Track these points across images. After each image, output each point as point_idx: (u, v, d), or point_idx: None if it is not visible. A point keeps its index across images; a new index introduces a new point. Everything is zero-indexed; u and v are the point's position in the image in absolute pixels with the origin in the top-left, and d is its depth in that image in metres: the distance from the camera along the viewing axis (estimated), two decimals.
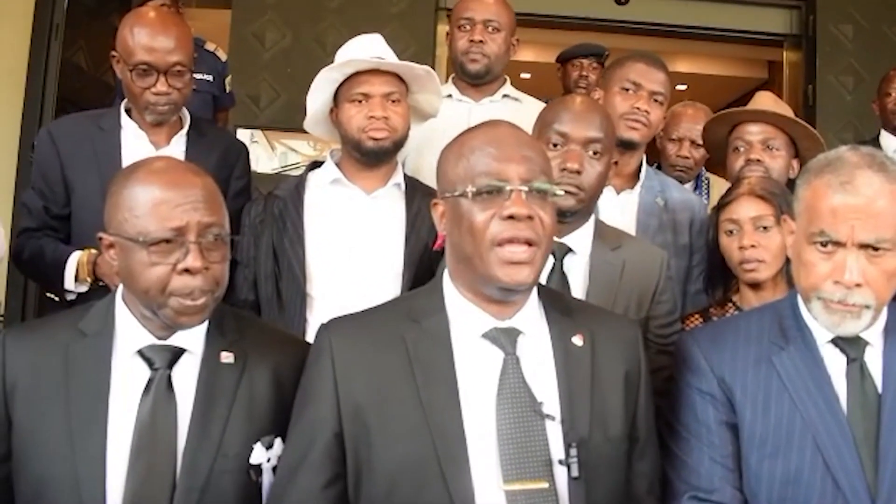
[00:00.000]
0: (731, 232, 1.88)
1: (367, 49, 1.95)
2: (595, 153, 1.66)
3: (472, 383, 1.25)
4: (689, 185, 2.80)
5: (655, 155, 2.83)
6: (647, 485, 1.37)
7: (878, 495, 1.27)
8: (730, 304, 1.91)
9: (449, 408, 1.23)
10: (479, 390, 1.25)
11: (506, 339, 1.28)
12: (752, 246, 1.83)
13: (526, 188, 1.23)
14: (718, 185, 2.84)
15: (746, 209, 1.86)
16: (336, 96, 1.96)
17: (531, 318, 1.32)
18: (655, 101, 2.09)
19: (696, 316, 1.93)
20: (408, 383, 1.24)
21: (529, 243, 1.22)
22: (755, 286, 1.86)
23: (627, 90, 2.08)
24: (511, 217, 1.21)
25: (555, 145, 1.65)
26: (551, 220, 1.26)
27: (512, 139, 1.28)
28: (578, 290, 1.65)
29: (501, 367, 1.26)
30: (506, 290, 1.25)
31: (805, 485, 1.30)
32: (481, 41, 2.35)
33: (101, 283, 1.96)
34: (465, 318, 1.29)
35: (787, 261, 1.82)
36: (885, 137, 3.29)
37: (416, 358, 1.26)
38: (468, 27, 2.37)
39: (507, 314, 1.29)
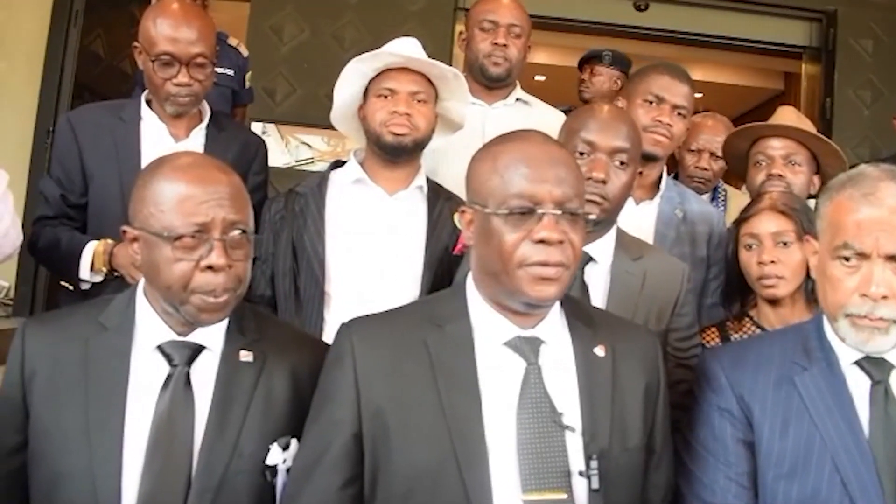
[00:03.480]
0: (750, 246, 1.87)
1: (402, 48, 1.94)
2: (621, 163, 1.65)
3: (494, 391, 1.24)
4: (705, 197, 2.78)
5: (673, 165, 2.82)
6: (661, 496, 1.37)
7: None
8: (747, 319, 1.90)
9: (471, 415, 1.22)
10: (500, 398, 1.24)
11: (528, 348, 1.27)
12: (772, 262, 1.82)
13: (559, 212, 1.22)
14: (735, 197, 2.82)
15: (767, 224, 1.85)
16: (365, 93, 1.96)
17: (554, 328, 1.31)
18: (678, 114, 2.07)
19: (713, 329, 1.92)
20: (430, 388, 1.23)
21: (559, 265, 1.22)
22: (773, 302, 1.85)
23: (650, 103, 2.06)
24: (542, 241, 1.21)
25: (581, 154, 1.64)
26: (580, 241, 1.26)
27: (546, 157, 1.26)
28: (599, 299, 1.64)
29: (523, 376, 1.25)
30: (531, 304, 1.25)
31: None
32: (505, 45, 2.35)
33: (116, 274, 1.96)
34: (489, 325, 1.29)
35: (807, 278, 1.82)
36: None
37: (439, 363, 1.25)
38: (491, 30, 2.36)
39: (530, 323, 1.29)
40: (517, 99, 2.46)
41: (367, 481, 1.24)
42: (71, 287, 2.05)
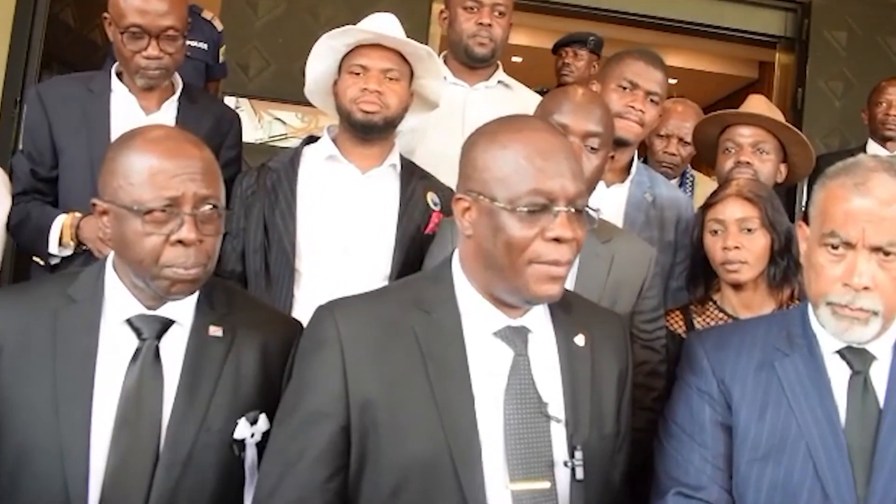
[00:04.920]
0: (715, 232, 1.90)
1: (376, 25, 1.93)
2: (593, 148, 1.67)
3: (482, 380, 1.23)
4: (673, 182, 2.81)
5: (642, 149, 2.84)
6: (620, 475, 1.38)
7: None
8: (710, 303, 1.94)
9: (464, 406, 1.20)
10: (488, 388, 1.23)
11: (518, 338, 1.26)
12: (736, 247, 1.85)
13: (573, 209, 1.19)
14: (703, 184, 2.86)
15: (732, 210, 1.88)
16: (339, 68, 1.94)
17: (539, 317, 1.30)
18: (651, 100, 2.09)
19: (677, 312, 1.96)
20: (421, 379, 1.21)
21: (569, 264, 1.21)
22: (736, 287, 1.89)
23: (624, 88, 2.08)
24: (556, 239, 1.18)
25: None
26: (584, 236, 1.23)
27: (561, 149, 1.21)
28: (567, 281, 1.65)
29: (511, 365, 1.24)
30: (532, 302, 1.24)
31: (793, 492, 1.30)
32: (490, 24, 2.33)
33: (84, 248, 1.94)
34: (478, 313, 1.26)
35: (769, 263, 1.86)
36: (873, 147, 3.32)
37: (429, 352, 1.22)
38: (475, 10, 2.34)
39: (518, 313, 1.27)
40: (499, 81, 2.44)
41: (353, 473, 1.21)
42: (42, 262, 2.03)
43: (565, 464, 1.22)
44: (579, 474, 1.21)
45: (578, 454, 1.21)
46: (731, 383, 1.38)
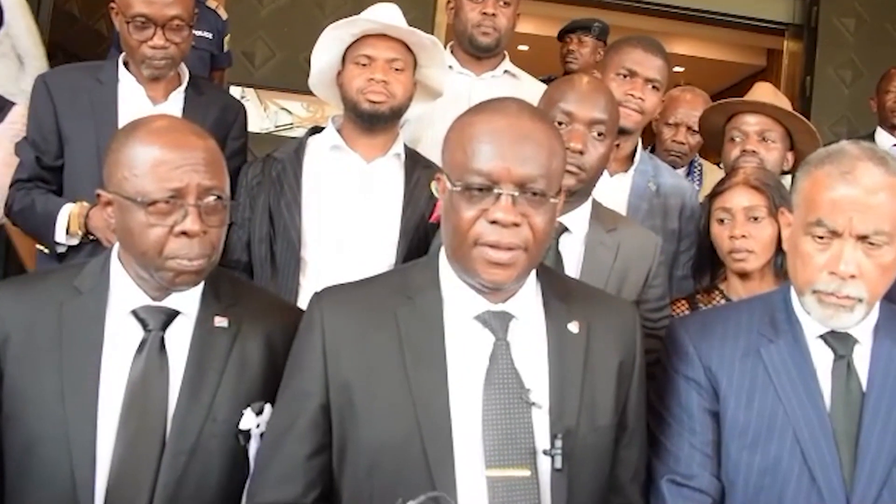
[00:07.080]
0: (722, 220, 1.90)
1: (380, 15, 1.93)
2: (599, 134, 1.66)
3: (462, 365, 1.23)
4: (681, 171, 2.80)
5: (650, 137, 2.83)
6: (631, 472, 1.36)
7: (854, 491, 1.29)
8: (716, 292, 1.94)
9: (436, 389, 1.21)
10: (468, 373, 1.22)
11: (497, 323, 1.25)
12: (743, 236, 1.85)
13: (516, 193, 1.17)
14: (711, 172, 2.85)
15: (740, 199, 1.87)
16: (343, 58, 1.95)
17: (526, 303, 1.28)
18: (652, 87, 2.08)
19: (683, 301, 1.96)
20: (396, 361, 1.22)
21: (512, 248, 1.18)
22: (743, 275, 1.88)
23: (623, 76, 2.07)
24: (495, 222, 1.17)
25: (560, 123, 1.65)
26: (546, 222, 1.20)
27: (514, 133, 1.19)
28: (572, 269, 1.66)
29: (491, 351, 1.23)
30: (486, 286, 1.23)
31: (782, 476, 1.32)
32: (494, 14, 2.33)
33: (92, 237, 1.95)
34: (459, 298, 1.26)
35: (776, 252, 1.86)
36: (881, 135, 3.31)
37: (407, 336, 1.23)
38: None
39: (500, 298, 1.26)
40: (505, 71, 2.45)
41: (336, 453, 1.25)
42: (47, 250, 2.04)
43: (545, 452, 1.20)
44: (557, 463, 1.19)
45: (558, 443, 1.19)
46: (719, 371, 1.39)
